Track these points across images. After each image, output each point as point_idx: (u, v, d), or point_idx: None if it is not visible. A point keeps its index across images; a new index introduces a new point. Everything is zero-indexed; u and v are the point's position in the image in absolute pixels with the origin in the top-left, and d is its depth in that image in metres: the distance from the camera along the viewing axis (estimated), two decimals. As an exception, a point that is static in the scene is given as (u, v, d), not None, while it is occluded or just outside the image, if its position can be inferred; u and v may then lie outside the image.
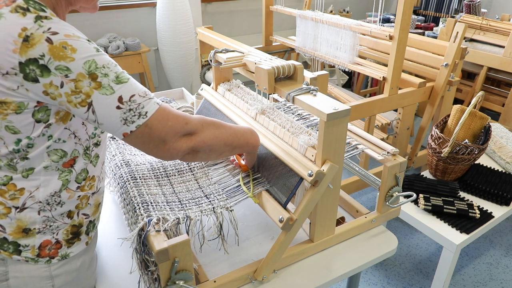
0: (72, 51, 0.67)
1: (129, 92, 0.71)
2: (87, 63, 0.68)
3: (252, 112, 1.10)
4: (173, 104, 1.70)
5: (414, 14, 4.51)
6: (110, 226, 1.12)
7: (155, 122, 0.74)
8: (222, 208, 0.90)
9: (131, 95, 0.72)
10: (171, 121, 0.75)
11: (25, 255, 0.79)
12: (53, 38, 0.66)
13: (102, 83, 0.69)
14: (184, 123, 0.77)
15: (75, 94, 0.68)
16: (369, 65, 2.15)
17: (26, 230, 0.78)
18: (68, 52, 0.67)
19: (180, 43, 3.50)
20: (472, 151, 1.70)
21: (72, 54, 0.67)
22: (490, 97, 3.13)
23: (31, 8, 0.67)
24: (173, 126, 0.75)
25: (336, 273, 0.97)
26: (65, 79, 0.67)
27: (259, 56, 1.08)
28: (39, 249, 0.80)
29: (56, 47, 0.66)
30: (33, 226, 0.78)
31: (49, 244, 0.81)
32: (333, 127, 0.83)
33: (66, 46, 0.67)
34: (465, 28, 1.91)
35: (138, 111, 0.72)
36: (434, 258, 2.11)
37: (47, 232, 0.80)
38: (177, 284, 0.79)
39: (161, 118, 0.74)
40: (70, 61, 0.67)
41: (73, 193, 0.81)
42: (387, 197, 1.04)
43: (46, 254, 0.81)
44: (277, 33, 2.98)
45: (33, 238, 0.79)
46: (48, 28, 0.66)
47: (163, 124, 0.74)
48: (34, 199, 0.77)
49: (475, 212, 1.59)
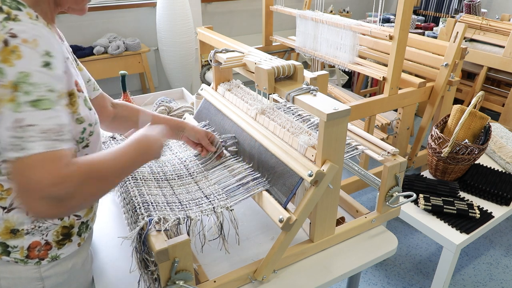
0: (17, 57, 0.63)
1: (32, 119, 0.62)
2: (21, 73, 0.63)
3: (252, 112, 1.10)
4: (173, 104, 1.70)
5: (414, 14, 4.51)
6: (110, 226, 1.12)
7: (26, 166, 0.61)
8: (222, 208, 0.90)
9: (30, 124, 0.62)
10: (38, 174, 0.61)
11: (14, 256, 0.78)
12: (10, 41, 0.63)
13: (16, 98, 0.62)
14: (52, 183, 0.61)
15: None
16: (369, 65, 2.15)
17: (14, 231, 0.77)
18: (13, 57, 0.63)
19: (180, 43, 3.50)
20: (472, 151, 1.70)
21: (15, 60, 0.63)
22: (490, 97, 3.14)
23: (5, 8, 0.65)
24: (39, 183, 0.60)
25: (336, 273, 0.97)
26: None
27: (259, 56, 1.08)
28: (28, 250, 0.79)
29: (7, 50, 0.63)
30: (21, 227, 0.77)
31: (38, 246, 0.79)
32: (333, 127, 0.83)
33: (16, 50, 0.63)
34: (465, 28, 1.91)
35: (24, 143, 0.61)
36: (434, 258, 2.11)
37: (36, 233, 0.79)
38: (177, 284, 0.79)
39: (33, 165, 0.61)
40: (9, 66, 0.63)
41: None
42: (387, 197, 1.04)
43: (36, 256, 0.80)
44: (277, 33, 2.98)
45: (21, 239, 0.78)
46: (10, 29, 0.64)
47: (31, 174, 0.61)
48: None
49: (475, 212, 1.59)
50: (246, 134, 1.07)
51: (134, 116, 1.08)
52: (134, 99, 1.87)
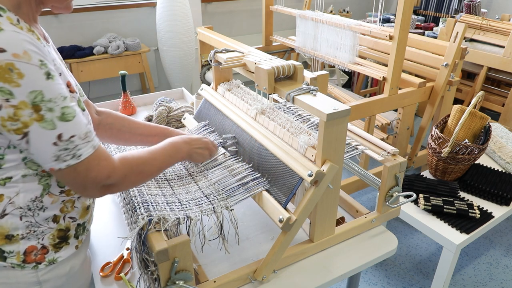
0: (19, 77, 0.63)
1: (70, 131, 0.69)
2: (33, 93, 0.64)
3: (252, 112, 1.10)
4: (173, 104, 1.70)
5: (414, 14, 4.51)
6: (110, 226, 1.12)
7: (82, 168, 0.72)
8: (222, 207, 0.90)
9: (71, 135, 0.69)
10: (95, 172, 0.74)
11: (10, 261, 0.77)
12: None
13: (44, 117, 0.66)
14: (107, 176, 0.76)
15: (11, 120, 0.65)
16: (369, 65, 2.15)
17: (9, 236, 0.76)
18: (14, 76, 0.62)
19: (180, 43, 3.50)
20: (472, 151, 1.70)
21: (18, 79, 0.62)
22: (490, 97, 3.14)
23: None
24: (96, 178, 0.74)
25: (336, 273, 0.97)
26: (5, 103, 0.63)
27: (259, 56, 1.08)
28: (25, 255, 0.78)
29: (2, 68, 0.61)
30: (16, 232, 0.76)
31: (35, 250, 0.79)
32: (333, 127, 0.83)
33: (13, 69, 0.62)
34: (465, 28, 1.91)
35: (73, 152, 0.70)
36: (434, 258, 2.11)
37: (32, 237, 0.78)
38: (177, 284, 0.79)
39: (89, 166, 0.73)
40: (15, 86, 0.62)
41: (57, 198, 0.79)
42: (387, 197, 1.04)
43: (32, 260, 0.79)
44: (277, 33, 2.98)
45: (17, 244, 0.77)
46: None
47: (88, 173, 0.73)
48: (14, 205, 0.75)
49: (475, 212, 1.59)
50: (246, 134, 1.07)
51: (119, 123, 1.07)
52: (134, 99, 1.87)
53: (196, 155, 1.01)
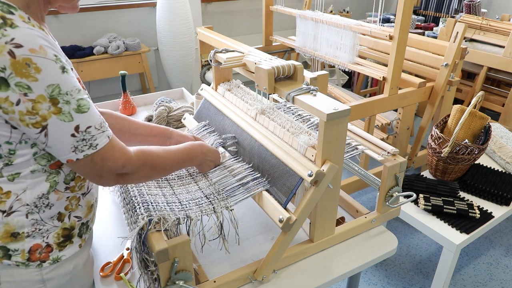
0: (36, 71, 0.64)
1: (87, 122, 0.71)
2: (50, 87, 0.66)
3: (252, 112, 1.10)
4: (173, 104, 1.70)
5: (414, 14, 4.52)
6: (110, 226, 1.12)
7: (98, 158, 0.75)
8: (222, 207, 0.90)
9: (88, 126, 0.72)
10: (111, 161, 0.76)
11: (15, 260, 0.78)
12: (16, 52, 0.62)
13: (62, 110, 0.68)
14: (122, 166, 0.78)
15: (30, 114, 0.66)
16: (369, 65, 2.16)
17: (14, 234, 0.77)
18: (31, 71, 0.64)
19: (180, 43, 3.50)
20: (472, 151, 1.70)
21: (36, 74, 0.64)
22: (490, 97, 3.14)
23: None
24: (112, 167, 0.77)
25: (336, 273, 0.97)
26: (23, 97, 0.64)
27: (259, 56, 1.08)
28: (29, 253, 0.78)
29: (19, 63, 0.63)
30: (21, 230, 0.77)
31: (39, 248, 0.79)
32: (333, 127, 0.83)
33: (30, 63, 0.63)
34: (465, 28, 1.91)
35: (90, 142, 0.73)
36: (434, 258, 2.11)
37: (37, 236, 0.79)
38: (177, 284, 0.79)
39: (105, 155, 0.75)
40: (32, 80, 0.64)
41: (62, 194, 0.80)
42: (387, 197, 1.04)
43: (37, 258, 0.79)
44: (277, 33, 2.98)
45: (22, 242, 0.78)
46: (12, 39, 0.62)
47: (104, 163, 0.76)
48: (21, 202, 0.75)
49: (475, 212, 1.59)
50: (246, 134, 1.07)
51: (119, 123, 1.07)
52: (134, 99, 1.87)
53: (206, 165, 1.03)
